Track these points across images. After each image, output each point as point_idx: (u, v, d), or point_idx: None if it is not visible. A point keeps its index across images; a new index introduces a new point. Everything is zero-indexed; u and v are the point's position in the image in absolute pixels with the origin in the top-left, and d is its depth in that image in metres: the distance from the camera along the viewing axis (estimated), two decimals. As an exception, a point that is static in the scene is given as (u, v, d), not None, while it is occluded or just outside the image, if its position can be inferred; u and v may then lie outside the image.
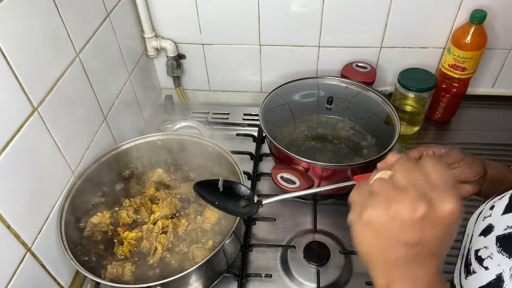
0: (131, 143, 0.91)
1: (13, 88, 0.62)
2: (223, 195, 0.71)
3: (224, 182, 0.71)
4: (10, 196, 0.62)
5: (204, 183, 0.71)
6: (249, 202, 0.71)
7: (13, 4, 0.61)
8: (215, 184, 0.71)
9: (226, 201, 0.70)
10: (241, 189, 0.72)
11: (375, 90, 1.00)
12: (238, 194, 0.71)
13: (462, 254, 0.47)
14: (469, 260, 0.44)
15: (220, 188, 0.70)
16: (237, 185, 0.72)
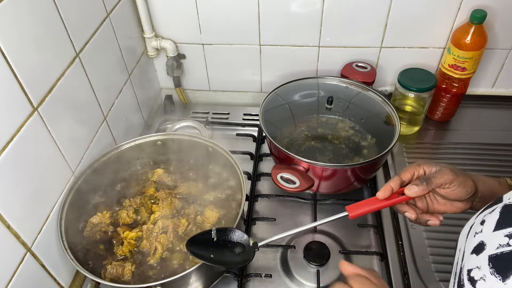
0: (131, 143, 0.91)
1: (13, 88, 0.62)
2: (218, 245, 0.70)
3: (217, 230, 0.70)
4: (10, 196, 0.62)
5: (197, 237, 0.70)
6: (245, 247, 0.70)
7: (13, 4, 0.61)
8: (209, 235, 0.70)
9: (222, 252, 0.69)
10: (235, 234, 0.71)
11: (375, 90, 1.00)
12: (232, 240, 0.71)
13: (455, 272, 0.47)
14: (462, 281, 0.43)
15: (214, 238, 0.69)
16: (232, 231, 0.71)
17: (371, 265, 0.85)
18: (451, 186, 0.60)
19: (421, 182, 0.61)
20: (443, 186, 0.61)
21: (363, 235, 0.90)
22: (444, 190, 0.61)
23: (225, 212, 0.83)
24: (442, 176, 0.60)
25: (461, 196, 0.61)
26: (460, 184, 0.60)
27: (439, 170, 0.62)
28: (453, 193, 0.61)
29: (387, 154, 0.86)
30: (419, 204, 0.66)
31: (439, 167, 0.62)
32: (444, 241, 0.85)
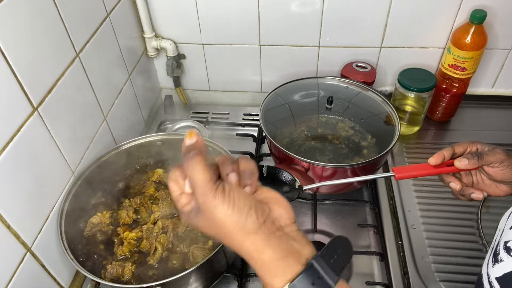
0: (131, 143, 0.91)
1: (13, 88, 0.62)
2: (267, 180, 0.72)
3: (268, 168, 0.72)
4: (10, 196, 0.62)
5: None
6: (291, 187, 0.72)
7: (13, 4, 0.61)
8: (260, 170, 0.72)
9: (269, 186, 0.72)
10: (284, 175, 0.73)
11: (375, 90, 1.00)
12: (280, 179, 0.73)
13: (492, 247, 0.49)
14: (498, 251, 0.46)
15: (264, 174, 0.72)
16: (280, 171, 0.73)
17: (371, 265, 0.85)
18: (501, 166, 0.61)
19: (472, 156, 0.61)
20: (493, 165, 0.62)
21: (363, 235, 0.90)
22: (493, 169, 0.62)
23: (225, 212, 0.83)
24: (494, 155, 0.61)
25: (508, 177, 0.62)
26: (510, 165, 0.61)
27: (492, 149, 0.63)
28: (501, 173, 0.62)
29: (387, 154, 0.86)
30: (465, 180, 0.67)
31: (492, 147, 0.64)
32: (444, 241, 0.85)
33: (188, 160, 0.45)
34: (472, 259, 0.82)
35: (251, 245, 0.42)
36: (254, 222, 0.42)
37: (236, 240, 0.43)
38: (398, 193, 0.94)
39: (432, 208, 0.91)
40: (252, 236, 0.42)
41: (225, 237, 0.44)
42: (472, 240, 0.86)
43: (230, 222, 0.42)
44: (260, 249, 0.42)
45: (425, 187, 0.95)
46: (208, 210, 0.42)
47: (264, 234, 0.42)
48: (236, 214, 0.42)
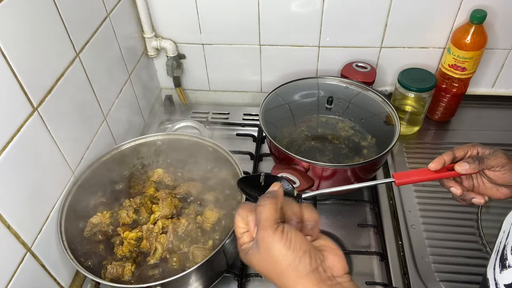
0: (131, 143, 0.91)
1: (13, 88, 0.62)
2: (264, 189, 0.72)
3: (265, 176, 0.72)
4: (10, 196, 0.62)
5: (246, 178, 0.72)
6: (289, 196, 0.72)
7: (13, 4, 0.61)
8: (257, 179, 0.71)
9: None
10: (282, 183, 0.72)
11: (375, 90, 1.00)
12: None
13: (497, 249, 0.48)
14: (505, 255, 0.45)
15: (262, 183, 0.71)
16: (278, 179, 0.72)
17: (371, 265, 0.85)
18: (502, 170, 0.61)
19: (473, 160, 0.61)
20: (494, 169, 0.61)
21: (363, 235, 0.90)
22: (494, 173, 0.62)
23: (225, 212, 0.83)
24: (495, 159, 0.61)
25: (509, 181, 0.62)
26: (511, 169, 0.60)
27: (493, 152, 0.62)
28: (502, 177, 0.61)
29: (387, 154, 0.86)
30: (466, 183, 0.66)
31: (493, 150, 0.63)
32: (444, 241, 0.85)
33: (263, 199, 0.47)
34: (472, 259, 0.82)
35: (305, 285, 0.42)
36: (307, 266, 0.43)
37: (287, 282, 0.43)
38: (398, 193, 0.95)
39: (432, 208, 0.91)
40: (304, 280, 0.42)
41: (277, 277, 0.44)
42: (472, 240, 0.86)
43: (284, 261, 0.43)
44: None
45: (425, 187, 0.95)
46: (265, 246, 0.44)
47: (315, 280, 0.43)
48: (291, 254, 0.43)
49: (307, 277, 0.42)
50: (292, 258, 0.43)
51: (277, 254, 0.43)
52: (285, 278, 0.43)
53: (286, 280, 0.43)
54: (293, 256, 0.43)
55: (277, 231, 0.44)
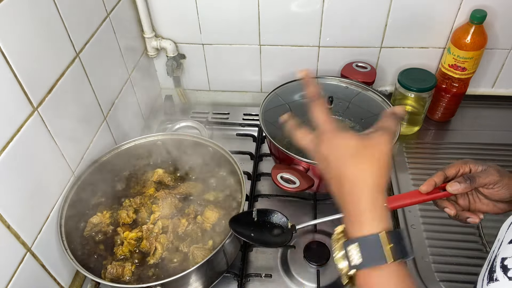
0: (131, 143, 0.91)
1: (13, 88, 0.62)
2: (258, 225, 0.72)
3: (258, 211, 0.72)
4: (10, 196, 0.62)
5: (239, 217, 0.73)
6: (283, 229, 0.71)
7: (13, 4, 0.61)
8: (250, 215, 0.72)
9: (261, 232, 0.72)
10: (274, 217, 0.73)
11: (375, 90, 1.00)
12: (271, 222, 0.73)
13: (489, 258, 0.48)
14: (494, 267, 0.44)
15: (254, 218, 0.72)
16: (271, 213, 0.73)
17: (371, 265, 0.85)
18: (495, 187, 0.60)
19: (464, 180, 0.60)
20: (487, 187, 0.60)
21: (363, 235, 0.90)
22: (488, 190, 0.61)
23: (225, 212, 0.83)
24: (487, 176, 0.60)
25: (504, 198, 0.61)
26: (505, 185, 0.59)
27: (485, 170, 0.61)
28: (496, 194, 0.60)
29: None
30: (461, 201, 0.65)
31: (485, 167, 0.62)
32: (444, 241, 0.85)
33: (394, 120, 0.54)
34: (472, 259, 0.82)
35: (358, 176, 0.47)
36: (388, 174, 0.47)
37: (370, 172, 0.47)
38: (398, 193, 0.94)
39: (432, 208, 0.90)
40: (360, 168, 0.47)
41: (366, 162, 0.48)
42: (472, 240, 0.86)
43: (383, 156, 0.48)
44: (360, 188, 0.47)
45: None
46: (381, 139, 0.49)
47: (383, 190, 0.47)
48: (389, 152, 0.48)
49: (385, 185, 0.47)
50: (388, 161, 0.48)
51: (382, 149, 0.48)
52: (347, 163, 0.48)
53: (346, 165, 0.48)
54: (389, 161, 0.48)
55: (392, 141, 0.50)
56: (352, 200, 0.47)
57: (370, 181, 0.46)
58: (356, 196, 0.47)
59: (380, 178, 0.47)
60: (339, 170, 0.49)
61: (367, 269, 0.45)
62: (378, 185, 0.46)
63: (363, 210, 0.46)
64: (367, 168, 0.47)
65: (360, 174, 0.47)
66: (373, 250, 0.45)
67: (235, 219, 0.72)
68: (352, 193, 0.47)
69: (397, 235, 0.45)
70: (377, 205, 0.46)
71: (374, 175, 0.47)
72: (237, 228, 0.71)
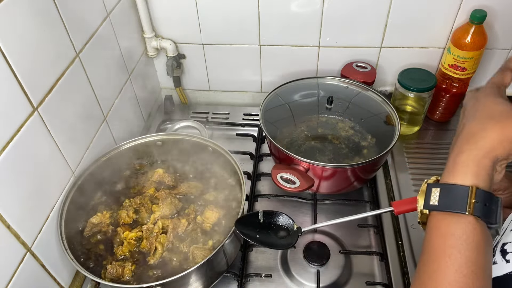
0: (131, 143, 0.91)
1: (13, 88, 0.62)
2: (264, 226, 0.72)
3: (264, 212, 0.72)
4: (10, 196, 0.62)
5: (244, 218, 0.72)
6: (288, 231, 0.71)
7: (13, 4, 0.61)
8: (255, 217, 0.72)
9: (267, 234, 0.72)
10: (281, 219, 0.73)
11: (375, 90, 1.00)
12: (277, 224, 0.73)
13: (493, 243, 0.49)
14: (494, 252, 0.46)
15: (260, 220, 0.71)
16: (277, 215, 0.73)
17: (371, 265, 0.85)
18: (505, 193, 0.60)
19: None
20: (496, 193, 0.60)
21: (363, 235, 0.90)
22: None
23: (225, 212, 0.83)
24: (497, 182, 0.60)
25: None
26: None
27: None
28: (505, 200, 0.61)
29: (387, 154, 0.86)
30: None
31: None
32: (444, 241, 0.85)
33: None
34: (472, 259, 0.82)
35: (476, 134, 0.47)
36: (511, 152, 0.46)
37: (492, 136, 0.47)
38: (398, 193, 0.94)
39: (432, 208, 0.91)
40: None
41: (496, 126, 0.47)
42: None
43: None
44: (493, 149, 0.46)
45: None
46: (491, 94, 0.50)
47: (496, 163, 0.47)
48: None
49: (500, 155, 0.46)
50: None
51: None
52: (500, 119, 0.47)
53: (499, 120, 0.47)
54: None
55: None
56: (457, 151, 0.48)
57: (484, 142, 0.46)
58: (462, 147, 0.47)
59: (498, 146, 0.46)
60: (468, 121, 0.49)
61: (442, 213, 0.46)
62: (491, 150, 0.46)
63: (461, 163, 0.47)
64: (491, 130, 0.47)
65: (481, 132, 0.47)
66: (453, 198, 0.46)
67: (241, 221, 0.71)
68: (460, 145, 0.48)
69: (490, 198, 0.45)
70: (479, 164, 0.46)
71: (493, 141, 0.46)
72: (243, 229, 0.70)
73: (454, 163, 0.47)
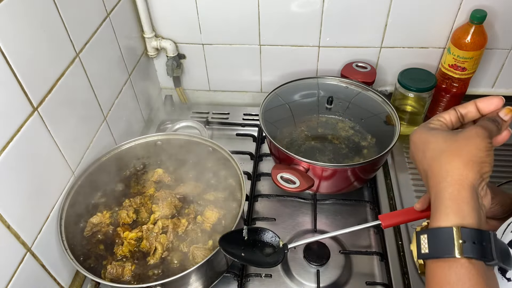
0: (131, 143, 0.91)
1: (13, 88, 0.62)
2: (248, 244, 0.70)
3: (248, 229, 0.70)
4: (10, 196, 0.62)
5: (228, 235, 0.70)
6: (274, 248, 0.70)
7: (13, 4, 0.61)
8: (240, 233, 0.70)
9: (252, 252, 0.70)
10: (265, 235, 0.71)
11: (375, 90, 1.00)
12: (262, 241, 0.71)
13: None
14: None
15: (245, 237, 0.70)
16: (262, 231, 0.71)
17: (371, 265, 0.85)
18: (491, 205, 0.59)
19: None
20: None
21: (363, 235, 0.90)
22: None
23: (225, 212, 0.83)
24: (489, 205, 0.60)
25: (497, 215, 0.60)
26: (499, 203, 0.59)
27: None
28: (490, 211, 0.60)
29: (387, 154, 0.86)
30: None
31: None
32: (444, 241, 0.85)
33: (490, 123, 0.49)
34: (472, 259, 0.82)
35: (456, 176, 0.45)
36: (478, 172, 0.45)
37: (454, 166, 0.46)
38: (398, 193, 0.94)
39: (432, 208, 0.91)
40: (465, 174, 0.45)
41: (447, 154, 0.47)
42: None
43: (475, 150, 0.46)
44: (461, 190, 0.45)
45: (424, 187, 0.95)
46: (473, 133, 0.47)
47: (471, 184, 0.45)
48: (483, 154, 0.46)
49: (472, 175, 0.45)
50: (479, 156, 0.45)
51: (474, 144, 0.46)
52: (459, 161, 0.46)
53: (457, 164, 0.46)
54: (481, 157, 0.45)
55: (489, 138, 0.47)
56: (433, 194, 0.47)
57: (451, 176, 0.45)
58: (436, 189, 0.46)
59: (466, 172, 0.45)
60: (426, 165, 0.49)
61: (435, 260, 0.45)
62: (462, 180, 0.45)
63: (440, 204, 0.46)
64: (450, 163, 0.46)
65: (443, 168, 0.46)
66: (440, 243, 0.44)
67: (225, 238, 0.69)
68: (433, 186, 0.47)
69: (479, 235, 0.43)
70: (457, 200, 0.45)
71: (459, 170, 0.45)
72: (227, 247, 0.68)
73: (434, 207, 0.46)
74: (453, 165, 0.46)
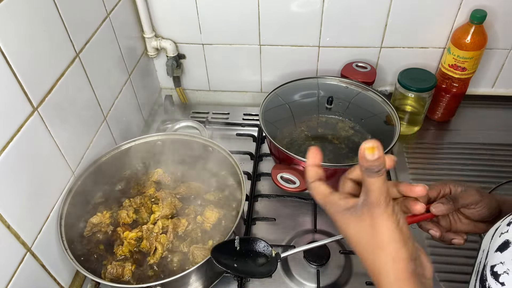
0: (131, 143, 0.91)
1: (13, 88, 0.62)
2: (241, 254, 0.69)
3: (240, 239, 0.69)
4: (10, 196, 0.62)
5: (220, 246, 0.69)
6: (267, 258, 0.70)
7: (13, 4, 0.61)
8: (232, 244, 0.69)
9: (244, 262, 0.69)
10: (258, 245, 0.70)
11: (375, 90, 1.00)
12: (255, 251, 0.70)
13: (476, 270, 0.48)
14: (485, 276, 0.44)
15: (237, 247, 0.69)
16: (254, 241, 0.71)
17: (371, 265, 0.85)
18: (477, 207, 0.60)
19: (447, 201, 0.60)
20: (469, 207, 0.61)
21: (363, 235, 0.90)
22: (469, 211, 0.61)
23: (225, 212, 0.83)
24: (468, 197, 0.60)
25: (485, 217, 0.61)
26: (486, 205, 0.60)
27: (465, 190, 0.62)
28: (477, 214, 0.61)
29: (387, 154, 0.86)
30: (442, 222, 0.65)
31: (464, 187, 0.62)
32: (444, 241, 0.85)
33: (372, 173, 0.43)
34: (472, 259, 0.82)
35: (390, 270, 0.43)
36: (408, 252, 0.43)
37: (381, 258, 0.44)
38: (398, 193, 0.94)
39: (432, 208, 0.91)
40: (400, 265, 0.43)
41: (371, 249, 0.44)
42: (472, 240, 0.85)
43: (389, 238, 0.43)
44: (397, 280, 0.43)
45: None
46: (372, 217, 0.44)
47: (410, 270, 0.43)
48: (398, 234, 0.43)
49: (403, 262, 0.43)
50: (398, 238, 0.43)
51: (384, 229, 0.43)
52: (381, 253, 0.43)
53: (380, 256, 0.43)
54: (399, 236, 0.43)
55: (388, 206, 0.43)
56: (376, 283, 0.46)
57: (386, 273, 0.44)
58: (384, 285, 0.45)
59: (398, 263, 0.43)
60: (363, 261, 0.47)
61: None
62: (398, 272, 0.43)
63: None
64: (379, 260, 0.44)
65: (376, 269, 0.45)
66: None
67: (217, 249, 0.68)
68: (381, 283, 0.45)
69: None
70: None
71: (388, 266, 0.43)
72: (220, 257, 0.67)
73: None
74: (387, 258, 0.44)
